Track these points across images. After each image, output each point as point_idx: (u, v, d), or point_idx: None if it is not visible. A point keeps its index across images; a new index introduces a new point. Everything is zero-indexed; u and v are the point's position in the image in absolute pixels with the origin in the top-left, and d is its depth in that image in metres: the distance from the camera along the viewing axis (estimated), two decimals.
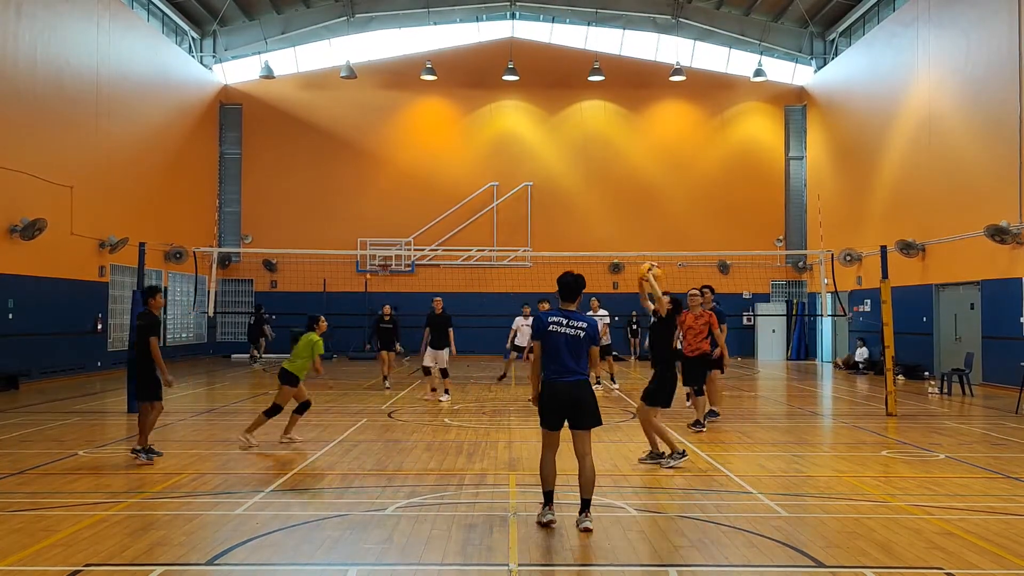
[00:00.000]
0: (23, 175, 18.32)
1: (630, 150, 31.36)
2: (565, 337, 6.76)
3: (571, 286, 6.96)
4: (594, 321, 7.01)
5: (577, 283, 6.96)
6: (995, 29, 18.83)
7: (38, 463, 9.44)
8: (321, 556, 6.03)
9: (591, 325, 6.88)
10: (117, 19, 23.05)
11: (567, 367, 6.73)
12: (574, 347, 6.76)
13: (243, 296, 30.41)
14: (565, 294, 6.98)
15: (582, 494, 6.79)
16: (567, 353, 6.75)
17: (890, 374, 14.33)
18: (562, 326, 6.78)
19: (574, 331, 6.77)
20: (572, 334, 6.76)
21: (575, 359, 6.76)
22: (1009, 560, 5.97)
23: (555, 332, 6.77)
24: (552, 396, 6.77)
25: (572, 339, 6.76)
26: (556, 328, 6.78)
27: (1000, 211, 18.05)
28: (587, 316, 6.95)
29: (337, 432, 11.84)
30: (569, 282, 6.96)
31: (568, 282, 6.96)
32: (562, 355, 6.74)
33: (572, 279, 6.98)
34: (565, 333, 6.77)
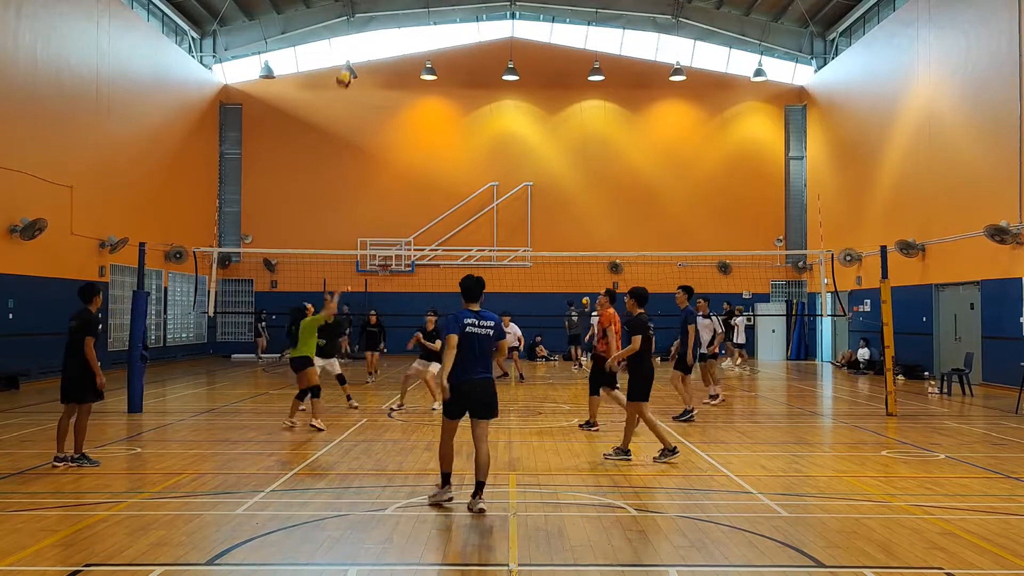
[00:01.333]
0: (23, 175, 18.32)
1: (630, 150, 31.36)
2: (478, 337, 7.30)
3: (473, 288, 7.44)
4: (497, 318, 7.54)
5: (479, 284, 7.45)
6: (995, 29, 18.83)
7: (38, 463, 9.43)
8: (321, 556, 6.03)
9: (496, 323, 7.47)
10: (117, 19, 23.05)
11: (479, 365, 7.30)
12: (484, 346, 7.34)
13: (243, 296, 30.42)
14: (469, 296, 7.45)
15: (477, 476, 7.28)
16: (478, 352, 7.30)
17: (890, 374, 14.33)
18: (476, 326, 7.31)
19: (484, 331, 7.34)
20: (483, 333, 7.33)
21: (484, 357, 7.36)
22: (1009, 560, 5.97)
23: (471, 332, 7.27)
24: (464, 393, 7.24)
25: (483, 338, 7.33)
26: (472, 328, 7.28)
27: (1000, 211, 18.05)
28: (492, 315, 7.49)
29: (337, 432, 11.83)
30: (471, 285, 7.44)
31: (470, 285, 7.44)
32: (475, 353, 7.28)
33: (474, 281, 7.46)
34: (478, 333, 7.30)
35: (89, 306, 9.37)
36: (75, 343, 9.07)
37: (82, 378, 9.01)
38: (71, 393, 9.10)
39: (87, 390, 9.04)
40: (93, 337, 9.10)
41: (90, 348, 9.00)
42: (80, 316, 9.25)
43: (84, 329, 9.05)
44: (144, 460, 9.96)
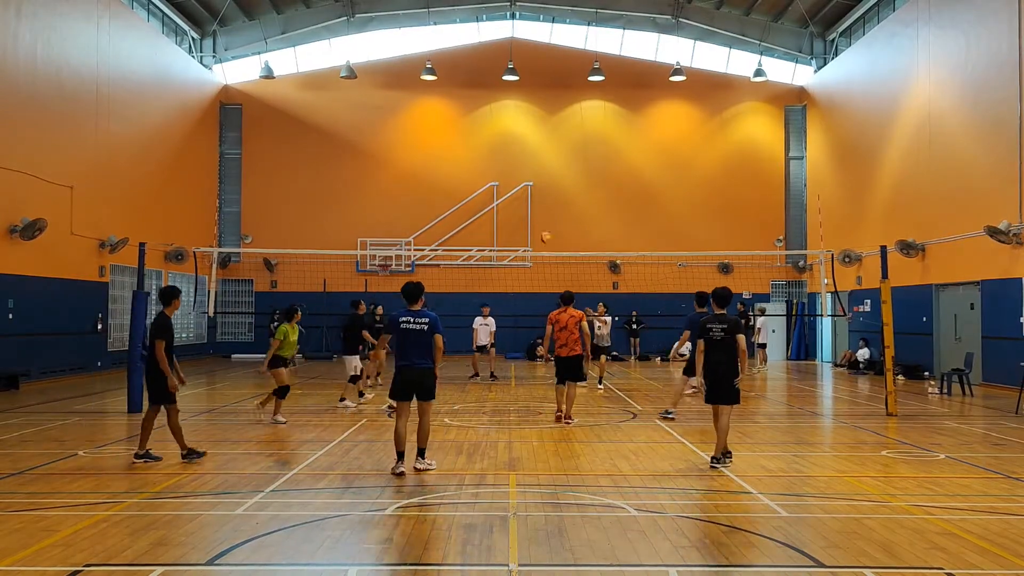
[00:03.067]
0: (23, 175, 18.32)
1: (630, 150, 31.36)
2: (412, 332, 8.76)
3: (412, 291, 8.97)
4: (435, 316, 8.86)
5: (416, 288, 8.99)
6: (995, 29, 18.83)
7: (38, 463, 9.44)
8: (321, 556, 6.03)
9: (432, 320, 8.82)
10: (117, 19, 23.05)
11: (416, 356, 8.75)
12: (419, 338, 8.75)
13: (243, 296, 30.41)
14: (408, 298, 8.96)
15: (419, 443, 8.95)
16: (412, 344, 8.75)
17: (890, 374, 14.33)
18: (410, 323, 8.78)
19: (419, 326, 8.76)
20: (418, 328, 8.75)
21: (420, 348, 8.75)
22: (1009, 560, 5.97)
23: (405, 328, 8.78)
24: (405, 380, 8.80)
25: (417, 332, 8.75)
26: (406, 324, 8.79)
27: (1000, 211, 18.05)
28: (428, 312, 8.88)
29: (337, 432, 11.83)
30: (409, 289, 8.99)
31: (408, 289, 9.00)
32: (408, 346, 8.75)
33: (412, 286, 9.01)
34: (412, 328, 8.76)
35: (166, 309, 9.46)
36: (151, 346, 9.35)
37: (160, 380, 9.27)
38: (153, 395, 9.36)
39: (165, 391, 9.26)
40: (164, 340, 9.23)
41: (160, 351, 9.19)
42: (155, 319, 9.44)
43: (155, 332, 9.24)
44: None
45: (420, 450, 8.97)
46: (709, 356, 9.20)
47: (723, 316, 9.30)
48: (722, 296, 9.45)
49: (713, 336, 9.14)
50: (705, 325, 9.26)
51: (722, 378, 9.12)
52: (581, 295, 27.34)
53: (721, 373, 9.13)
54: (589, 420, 13.39)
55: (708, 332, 9.17)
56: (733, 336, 9.09)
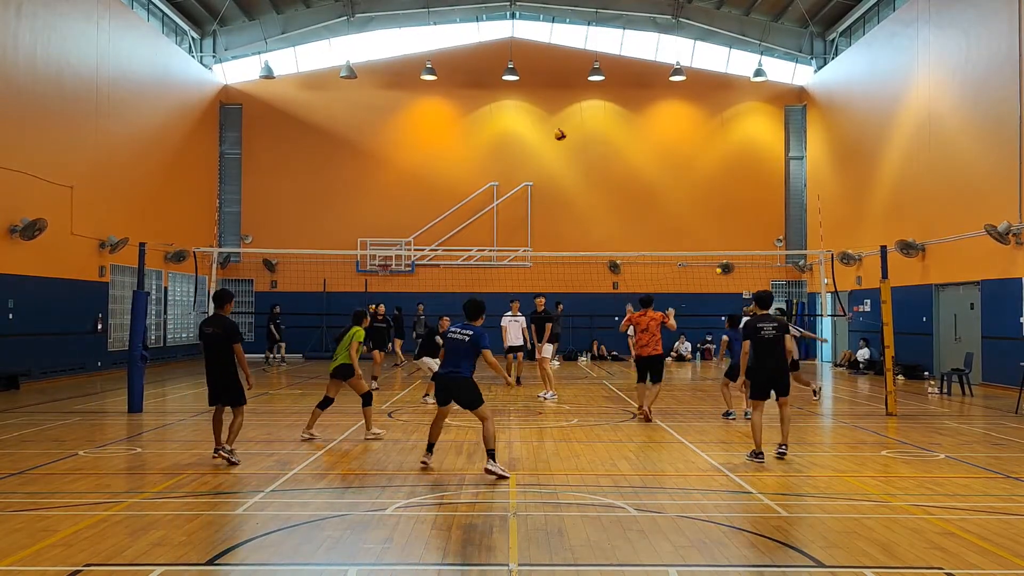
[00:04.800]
0: (23, 175, 18.32)
1: (630, 150, 31.36)
2: (455, 340, 8.96)
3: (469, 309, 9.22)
4: (477, 331, 8.95)
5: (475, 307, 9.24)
6: (995, 29, 18.83)
7: (38, 463, 9.44)
8: (321, 556, 6.03)
9: (475, 333, 8.94)
10: (117, 19, 23.05)
11: (454, 365, 8.88)
12: (459, 348, 8.90)
13: (243, 296, 30.40)
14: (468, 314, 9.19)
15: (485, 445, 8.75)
16: (456, 353, 8.91)
17: (890, 374, 14.33)
18: (456, 333, 9.01)
19: (462, 336, 8.95)
20: (460, 338, 8.94)
21: (460, 358, 8.87)
22: (1009, 560, 5.97)
23: (452, 337, 9.02)
24: (443, 385, 9.01)
25: (459, 342, 8.92)
26: (453, 334, 9.04)
27: (1000, 211, 18.05)
28: (475, 327, 9.02)
29: (337, 432, 11.84)
30: (467, 306, 9.24)
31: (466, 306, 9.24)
32: (453, 355, 8.92)
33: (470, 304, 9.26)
34: (456, 338, 8.96)
35: (221, 311, 9.47)
36: (219, 350, 9.25)
37: (235, 382, 9.27)
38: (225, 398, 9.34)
39: (240, 393, 9.30)
40: (239, 343, 9.31)
41: (241, 353, 9.27)
42: (220, 322, 9.37)
43: (232, 337, 9.26)
44: (144, 460, 9.96)
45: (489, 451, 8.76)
46: (760, 354, 9.54)
47: (770, 316, 9.78)
48: (764, 298, 10.00)
49: (765, 335, 9.55)
50: (755, 325, 9.64)
51: (778, 374, 9.55)
52: (581, 295, 27.55)
53: (774, 369, 9.53)
54: (589, 420, 13.39)
55: (759, 332, 9.57)
56: (782, 334, 9.63)
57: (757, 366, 9.63)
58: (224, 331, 9.27)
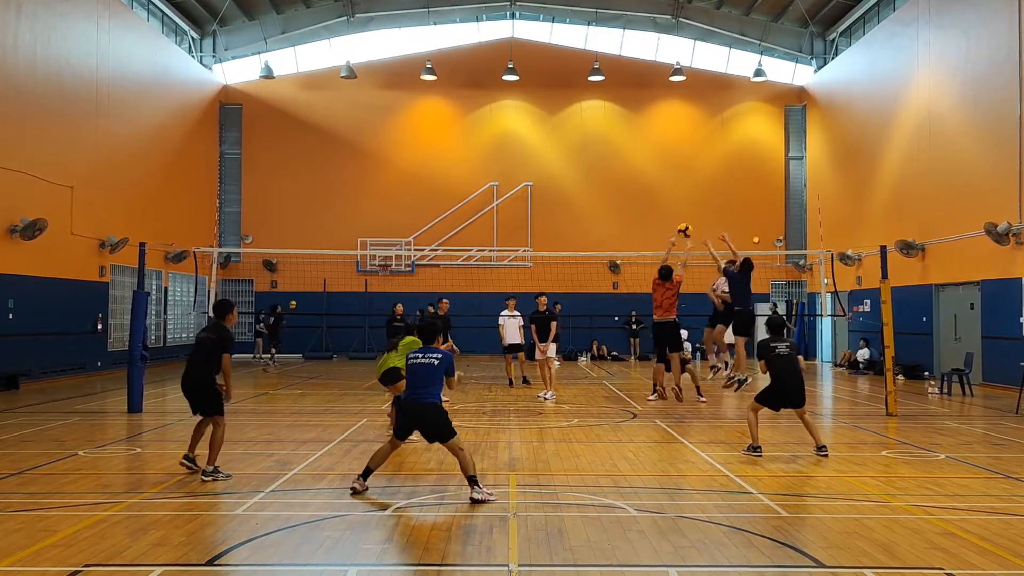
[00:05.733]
0: (23, 175, 18.31)
1: (630, 150, 31.36)
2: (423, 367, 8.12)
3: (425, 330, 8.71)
4: (449, 354, 8.33)
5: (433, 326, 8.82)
6: (995, 29, 18.83)
7: (38, 463, 9.44)
8: (321, 556, 6.03)
9: (447, 357, 8.25)
10: (117, 19, 23.05)
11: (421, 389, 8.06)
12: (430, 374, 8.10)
13: (243, 296, 30.41)
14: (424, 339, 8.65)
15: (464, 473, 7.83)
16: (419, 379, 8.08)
17: (890, 374, 14.33)
18: (419, 359, 8.20)
19: (429, 361, 8.17)
20: (427, 363, 8.15)
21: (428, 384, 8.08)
22: (1009, 560, 5.96)
23: (418, 363, 8.19)
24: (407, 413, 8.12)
25: (427, 367, 8.12)
26: (414, 361, 8.24)
27: (1000, 211, 18.05)
28: (443, 350, 8.38)
29: (337, 432, 11.83)
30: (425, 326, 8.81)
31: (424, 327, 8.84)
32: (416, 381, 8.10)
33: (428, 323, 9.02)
34: (422, 363, 8.14)
35: (223, 321, 9.20)
36: (208, 357, 8.94)
37: (214, 391, 8.94)
38: (205, 407, 8.99)
39: (218, 402, 8.94)
40: (230, 354, 9.00)
41: (228, 364, 8.95)
42: (216, 329, 9.12)
43: (224, 345, 8.95)
44: (144, 460, 9.96)
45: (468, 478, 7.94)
46: (779, 372, 10.04)
47: (782, 337, 10.41)
48: (776, 325, 10.69)
49: (780, 352, 10.09)
50: (769, 344, 10.19)
51: (796, 391, 10.04)
52: (581, 295, 27.53)
53: (792, 387, 10.04)
54: (589, 420, 13.39)
55: (774, 350, 10.12)
56: (796, 353, 10.31)
57: (777, 384, 10.08)
58: (219, 338, 9.02)
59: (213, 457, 8.75)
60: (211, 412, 8.95)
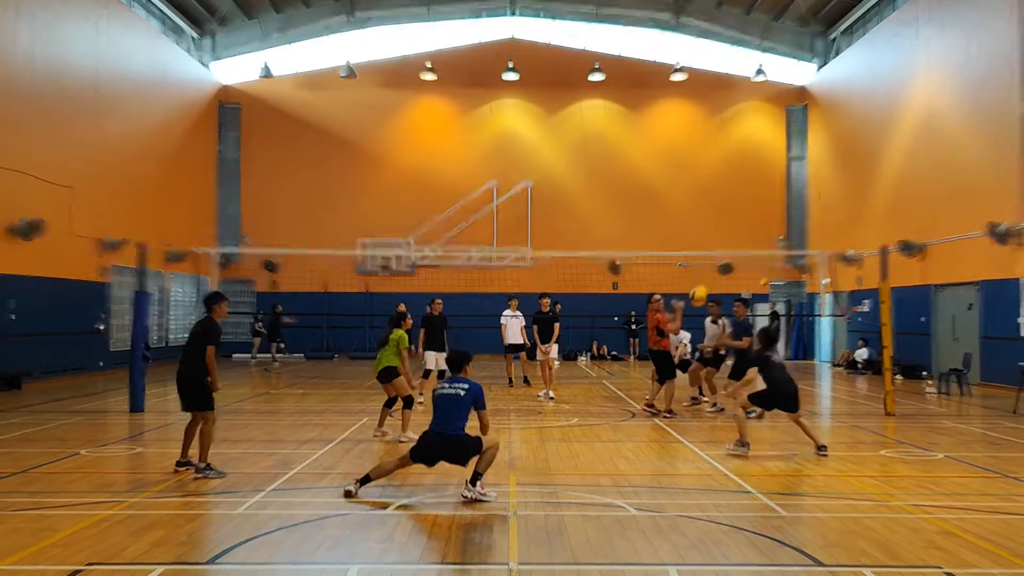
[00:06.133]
0: (23, 175, 18.32)
1: (630, 150, 31.35)
2: (450, 398, 7.85)
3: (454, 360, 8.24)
4: (477, 385, 7.98)
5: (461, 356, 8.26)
6: (995, 29, 18.84)
7: (40, 462, 9.45)
8: (321, 556, 6.05)
9: (474, 388, 7.92)
10: (116, 18, 23.05)
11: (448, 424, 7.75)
12: (457, 405, 7.82)
13: (243, 296, 30.40)
14: (451, 368, 8.22)
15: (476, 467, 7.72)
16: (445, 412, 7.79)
17: (888, 374, 14.34)
18: (446, 389, 7.93)
19: (455, 391, 7.88)
20: (454, 394, 7.86)
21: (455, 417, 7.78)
22: (1008, 559, 5.98)
23: (444, 395, 7.90)
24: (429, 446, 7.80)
25: (455, 398, 7.84)
26: (442, 391, 7.95)
27: (1000, 211, 18.06)
28: (471, 380, 8.03)
29: (338, 432, 11.85)
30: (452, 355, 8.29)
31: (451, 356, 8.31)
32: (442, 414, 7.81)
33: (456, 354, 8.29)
34: (449, 395, 7.86)
35: (212, 314, 9.19)
36: (195, 350, 8.93)
37: (203, 386, 8.89)
38: (193, 402, 8.95)
39: (205, 396, 8.89)
40: (214, 345, 8.94)
41: (211, 356, 8.87)
42: (204, 322, 9.12)
43: (208, 337, 8.92)
44: (145, 460, 9.99)
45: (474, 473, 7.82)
46: (775, 379, 10.38)
47: (775, 349, 10.77)
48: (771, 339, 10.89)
49: (774, 360, 10.47)
50: (765, 354, 10.56)
51: (788, 397, 10.34)
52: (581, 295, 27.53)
53: (784, 394, 10.35)
54: (589, 420, 13.41)
55: (768, 359, 10.48)
56: (783, 359, 10.80)
57: (771, 390, 10.39)
58: (204, 330, 9.02)
59: (204, 454, 8.76)
60: (199, 408, 8.93)
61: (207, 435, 8.78)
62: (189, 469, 8.84)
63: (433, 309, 15.84)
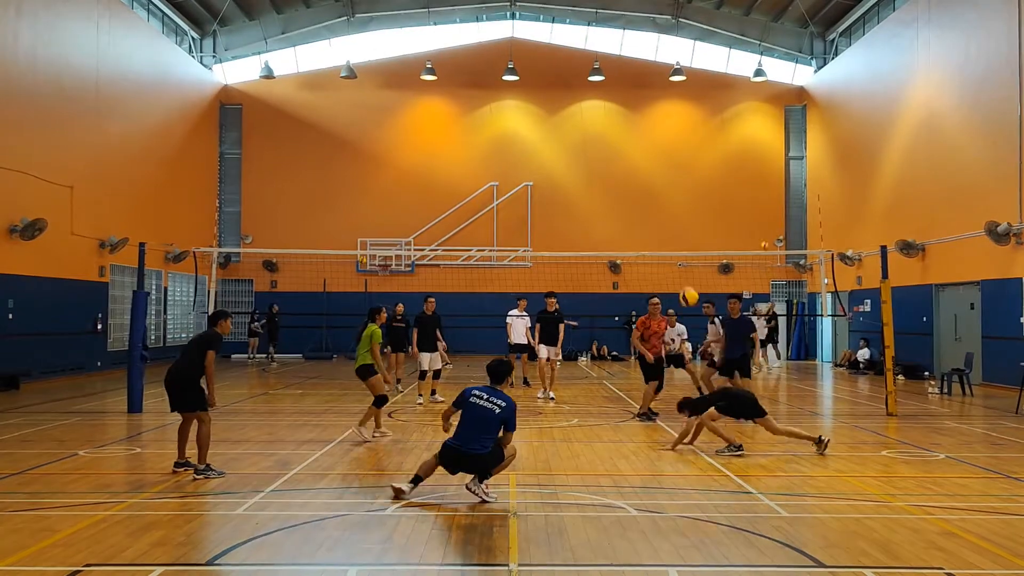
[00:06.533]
0: (23, 175, 18.31)
1: (630, 150, 31.35)
2: (482, 411, 7.58)
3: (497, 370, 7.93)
4: (512, 404, 7.69)
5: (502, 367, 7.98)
6: (995, 29, 18.83)
7: (38, 463, 9.44)
8: (321, 556, 6.03)
9: (509, 407, 7.63)
10: (117, 19, 23.05)
11: (474, 440, 7.51)
12: (488, 421, 7.54)
13: (243, 296, 30.41)
14: (492, 378, 7.93)
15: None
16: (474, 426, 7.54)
17: (890, 374, 14.33)
18: (482, 400, 7.65)
19: (491, 406, 7.60)
20: (488, 407, 7.59)
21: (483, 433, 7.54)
22: (1009, 560, 5.97)
23: (476, 404, 7.62)
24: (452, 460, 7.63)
25: (487, 412, 7.56)
26: (476, 400, 7.65)
27: (1000, 211, 18.05)
28: (507, 396, 7.74)
29: (337, 432, 11.84)
30: (493, 367, 7.98)
31: (492, 367, 7.99)
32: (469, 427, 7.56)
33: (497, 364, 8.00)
34: (482, 407, 7.60)
35: (216, 328, 9.24)
36: (193, 353, 8.99)
37: (197, 388, 8.92)
38: (183, 402, 8.93)
39: (201, 399, 8.90)
40: (215, 352, 8.99)
41: (211, 362, 8.93)
42: (206, 332, 9.26)
43: (210, 344, 8.99)
44: (144, 460, 9.97)
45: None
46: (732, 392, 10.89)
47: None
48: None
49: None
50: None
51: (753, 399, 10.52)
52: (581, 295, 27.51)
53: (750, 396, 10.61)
54: (589, 420, 13.40)
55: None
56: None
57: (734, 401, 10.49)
58: (205, 338, 9.08)
59: (202, 455, 8.74)
60: (191, 408, 8.92)
61: (204, 437, 8.76)
62: (188, 470, 8.82)
63: (426, 308, 15.69)
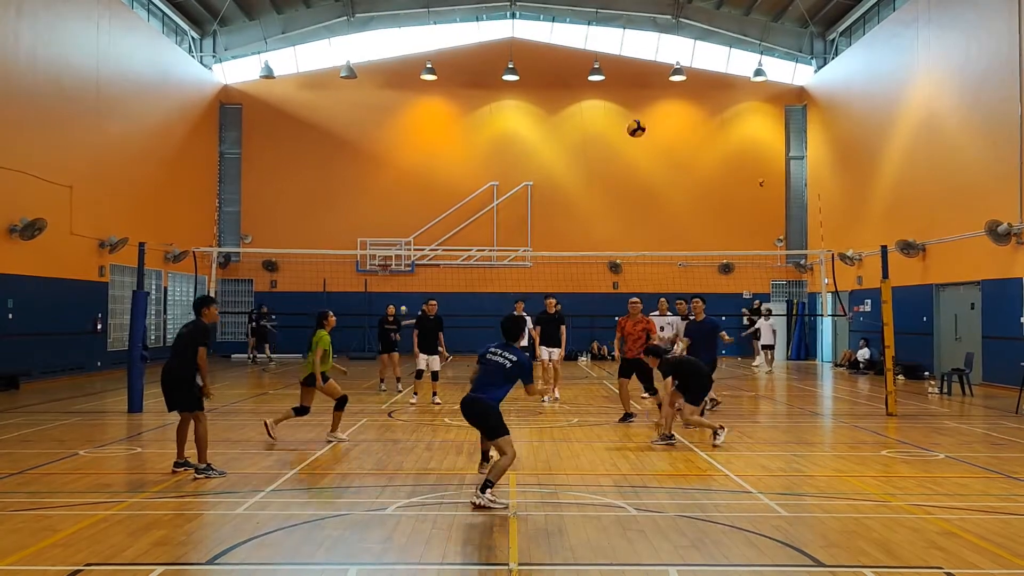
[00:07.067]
0: (23, 175, 18.32)
1: (630, 150, 31.28)
2: (495, 363, 7.77)
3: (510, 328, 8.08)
4: (526, 358, 7.84)
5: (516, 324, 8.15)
6: (995, 29, 18.83)
7: (38, 463, 9.44)
8: (321, 556, 6.03)
9: (522, 361, 7.77)
10: (117, 19, 23.05)
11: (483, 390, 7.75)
12: (500, 375, 7.72)
13: (243, 296, 30.42)
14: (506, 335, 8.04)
15: (488, 475, 7.56)
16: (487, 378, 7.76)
17: (890, 374, 14.33)
18: (496, 355, 7.82)
19: (503, 360, 7.77)
20: (501, 362, 7.76)
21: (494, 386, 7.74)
22: (1008, 560, 5.97)
23: (490, 359, 7.83)
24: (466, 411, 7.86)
25: (500, 367, 7.73)
26: (491, 356, 7.85)
27: (1000, 211, 18.05)
28: (520, 352, 7.87)
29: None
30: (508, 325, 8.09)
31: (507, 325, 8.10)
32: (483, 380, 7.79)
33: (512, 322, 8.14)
34: (495, 361, 7.78)
35: (202, 317, 9.12)
36: (183, 351, 8.86)
37: (190, 386, 8.82)
38: (179, 401, 8.88)
39: (195, 398, 8.82)
40: (205, 347, 8.86)
41: (203, 358, 8.81)
42: (192, 324, 9.07)
43: (197, 339, 8.83)
44: (144, 460, 9.97)
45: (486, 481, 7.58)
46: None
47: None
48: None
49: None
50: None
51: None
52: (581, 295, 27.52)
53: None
54: (589, 420, 13.40)
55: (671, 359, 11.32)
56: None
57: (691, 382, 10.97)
58: (191, 332, 8.94)
59: (202, 455, 8.72)
60: (187, 408, 8.88)
61: (201, 436, 8.74)
62: (187, 470, 8.81)
63: (427, 310, 15.64)
